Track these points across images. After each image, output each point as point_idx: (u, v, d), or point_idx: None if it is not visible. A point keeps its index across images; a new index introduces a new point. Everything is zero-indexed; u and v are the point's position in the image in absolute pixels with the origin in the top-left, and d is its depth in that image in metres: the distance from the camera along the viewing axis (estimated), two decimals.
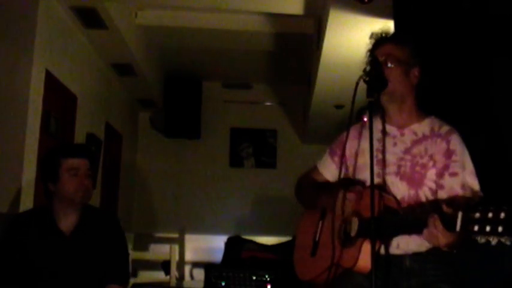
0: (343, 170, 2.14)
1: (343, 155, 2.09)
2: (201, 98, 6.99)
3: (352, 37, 4.20)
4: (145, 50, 5.76)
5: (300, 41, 5.58)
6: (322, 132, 6.31)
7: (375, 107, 1.95)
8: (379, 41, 2.08)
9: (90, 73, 5.19)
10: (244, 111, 7.35)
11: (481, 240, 1.50)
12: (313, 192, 2.19)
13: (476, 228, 1.50)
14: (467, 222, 1.53)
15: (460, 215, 1.56)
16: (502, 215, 1.47)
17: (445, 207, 1.66)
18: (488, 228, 1.48)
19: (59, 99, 4.41)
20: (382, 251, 1.92)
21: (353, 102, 1.98)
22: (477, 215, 1.51)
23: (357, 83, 1.95)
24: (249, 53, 6.10)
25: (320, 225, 2.10)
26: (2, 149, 3.68)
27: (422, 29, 3.18)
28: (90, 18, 4.50)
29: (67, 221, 2.52)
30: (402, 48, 2.04)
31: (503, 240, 1.47)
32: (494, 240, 1.48)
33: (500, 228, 1.46)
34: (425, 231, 1.72)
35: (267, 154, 7.34)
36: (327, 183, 2.20)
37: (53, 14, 4.17)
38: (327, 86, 5.20)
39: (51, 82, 4.14)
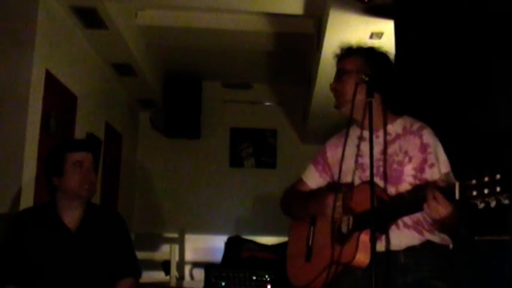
0: (328, 179, 2.23)
1: (342, 158, 2.11)
2: (201, 98, 6.99)
3: (352, 37, 4.18)
4: (145, 50, 5.76)
5: (300, 41, 5.58)
6: (322, 132, 6.28)
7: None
8: (337, 59, 2.20)
9: (90, 73, 5.19)
10: (244, 111, 7.35)
11: (481, 205, 1.55)
12: (300, 202, 2.24)
13: (474, 193, 1.56)
14: (466, 189, 1.59)
15: (457, 184, 1.63)
16: (498, 176, 1.52)
17: (440, 182, 1.73)
18: (486, 191, 1.53)
19: (59, 99, 4.41)
20: (379, 247, 1.93)
21: (353, 102, 2.01)
22: (473, 181, 1.57)
23: (357, 83, 1.97)
24: (249, 53, 6.10)
25: (312, 230, 2.13)
26: (2, 149, 3.68)
27: (422, 29, 3.18)
28: (90, 18, 4.51)
29: (71, 217, 2.52)
30: (351, 61, 2.12)
31: (502, 199, 1.51)
32: (493, 202, 1.52)
33: (498, 188, 1.51)
34: (425, 205, 1.74)
35: (267, 154, 7.35)
36: (312, 192, 2.25)
37: (53, 14, 4.17)
38: (327, 86, 5.18)
39: (51, 82, 4.14)
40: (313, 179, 2.29)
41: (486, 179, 1.54)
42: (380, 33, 4.21)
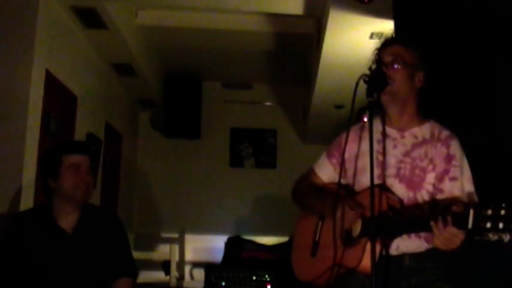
0: (342, 174, 2.13)
1: (342, 160, 2.10)
2: (201, 98, 6.98)
3: (352, 37, 4.20)
4: (145, 50, 5.75)
5: (300, 41, 5.57)
6: (322, 132, 6.30)
7: (375, 107, 1.96)
8: (388, 41, 2.10)
9: (90, 73, 5.19)
10: (244, 111, 7.34)
11: (493, 237, 1.51)
12: (312, 199, 2.18)
13: (488, 225, 1.50)
14: (480, 219, 1.53)
15: (471, 212, 1.56)
16: None
17: (455, 206, 1.66)
18: (501, 225, 1.48)
19: (59, 99, 4.41)
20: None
21: (353, 102, 2.00)
22: (489, 212, 1.51)
23: (357, 83, 1.97)
24: (249, 53, 6.10)
25: (320, 225, 2.10)
26: (2, 149, 3.68)
27: (422, 29, 3.18)
28: (90, 18, 4.50)
29: (67, 219, 2.51)
30: (410, 51, 2.05)
31: None
32: (506, 238, 1.49)
33: None
34: (436, 233, 1.69)
35: (267, 154, 7.34)
36: (326, 189, 2.18)
37: (53, 14, 4.17)
38: (327, 86, 5.20)
39: (51, 82, 4.14)
40: (326, 173, 2.22)
41: (503, 212, 1.48)
42: (380, 33, 4.19)
